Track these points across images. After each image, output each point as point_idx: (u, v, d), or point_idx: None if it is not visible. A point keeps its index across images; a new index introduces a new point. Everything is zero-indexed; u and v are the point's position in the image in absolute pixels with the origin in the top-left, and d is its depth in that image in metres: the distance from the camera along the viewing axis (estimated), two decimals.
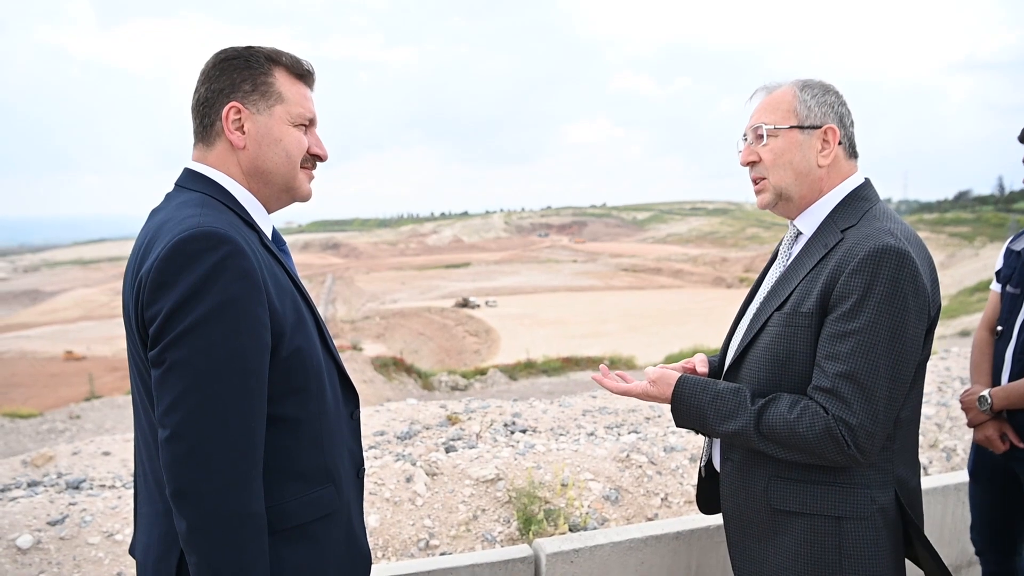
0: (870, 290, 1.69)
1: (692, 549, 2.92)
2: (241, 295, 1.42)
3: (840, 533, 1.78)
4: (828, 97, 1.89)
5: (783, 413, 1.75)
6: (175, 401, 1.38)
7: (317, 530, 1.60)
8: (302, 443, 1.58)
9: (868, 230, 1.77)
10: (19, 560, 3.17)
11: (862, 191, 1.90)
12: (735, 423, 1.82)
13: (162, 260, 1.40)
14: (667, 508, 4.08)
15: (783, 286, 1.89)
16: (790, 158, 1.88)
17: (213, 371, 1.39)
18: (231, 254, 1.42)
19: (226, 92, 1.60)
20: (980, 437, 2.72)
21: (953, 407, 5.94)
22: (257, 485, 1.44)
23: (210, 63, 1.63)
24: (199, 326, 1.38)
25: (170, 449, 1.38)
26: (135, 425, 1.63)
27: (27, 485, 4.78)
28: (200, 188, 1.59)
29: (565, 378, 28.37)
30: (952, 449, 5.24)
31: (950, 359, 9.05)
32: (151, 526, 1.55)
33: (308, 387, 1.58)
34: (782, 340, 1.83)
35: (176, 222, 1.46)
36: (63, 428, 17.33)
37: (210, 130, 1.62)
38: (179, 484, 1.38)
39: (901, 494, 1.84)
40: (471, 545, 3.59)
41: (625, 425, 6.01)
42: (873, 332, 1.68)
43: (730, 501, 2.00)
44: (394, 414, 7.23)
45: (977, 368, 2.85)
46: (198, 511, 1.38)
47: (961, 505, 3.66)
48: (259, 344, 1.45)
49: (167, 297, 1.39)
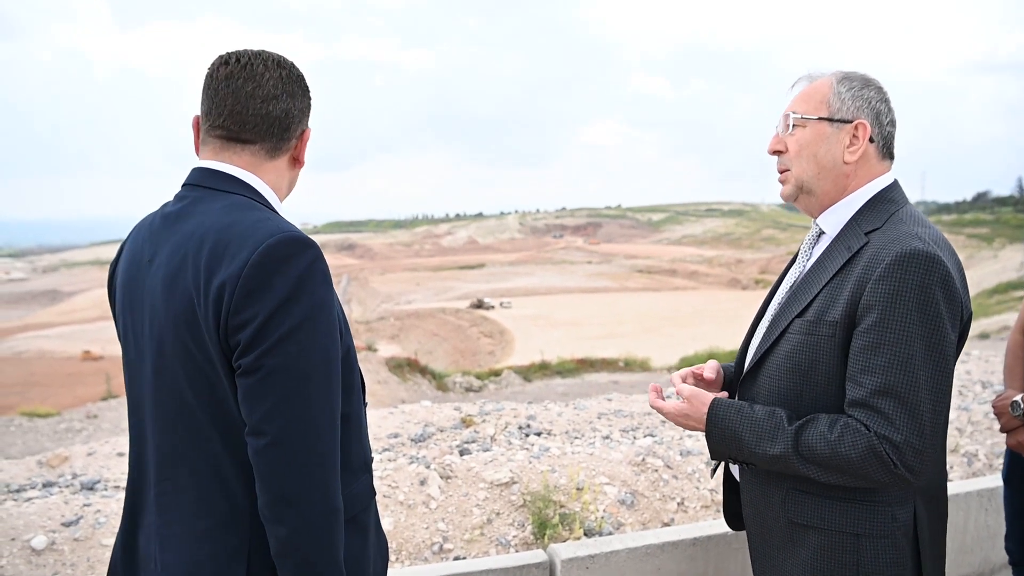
0: (900, 297, 1.61)
1: (709, 555, 2.88)
2: (327, 298, 1.45)
3: (858, 550, 1.72)
4: (867, 92, 1.81)
5: (823, 433, 1.65)
6: (274, 408, 1.38)
7: (365, 520, 1.64)
8: (352, 437, 1.61)
9: (894, 234, 1.69)
10: (33, 561, 3.17)
11: (889, 192, 1.82)
12: (776, 446, 1.71)
13: (253, 266, 1.38)
14: (683, 513, 4.03)
15: (804, 291, 1.82)
16: (815, 150, 1.82)
17: (309, 375, 1.40)
18: (317, 258, 1.45)
19: (305, 113, 1.64)
20: (1013, 443, 2.67)
21: (974, 411, 5.86)
22: (339, 482, 1.47)
23: (288, 75, 1.59)
24: (296, 331, 1.38)
25: (272, 455, 1.38)
26: (159, 439, 1.54)
27: (42, 486, 4.79)
28: (237, 190, 1.55)
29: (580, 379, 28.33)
30: (974, 454, 5.17)
31: (971, 362, 8.96)
32: (195, 546, 1.48)
33: (354, 383, 1.61)
34: (804, 349, 1.75)
35: (249, 226, 1.44)
36: (80, 427, 17.44)
37: (284, 144, 1.62)
38: (284, 489, 1.38)
39: (927, 504, 1.79)
40: (485, 549, 3.56)
41: (641, 428, 5.97)
42: (908, 343, 1.60)
43: (750, 510, 1.96)
44: (408, 416, 7.22)
45: (1011, 372, 2.79)
46: (303, 516, 1.39)
47: (984, 512, 3.61)
48: (338, 346, 1.48)
49: (261, 303, 1.37)
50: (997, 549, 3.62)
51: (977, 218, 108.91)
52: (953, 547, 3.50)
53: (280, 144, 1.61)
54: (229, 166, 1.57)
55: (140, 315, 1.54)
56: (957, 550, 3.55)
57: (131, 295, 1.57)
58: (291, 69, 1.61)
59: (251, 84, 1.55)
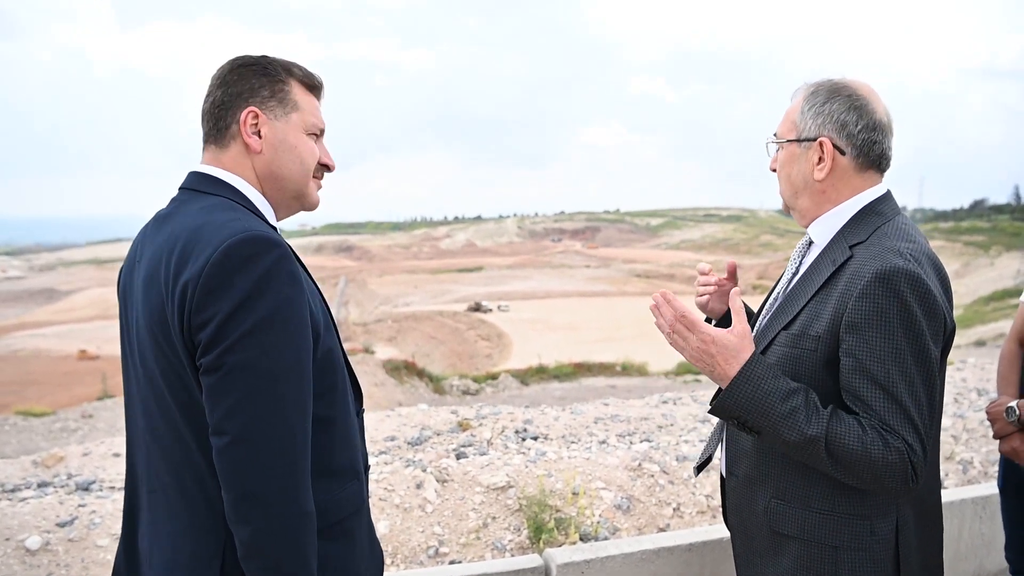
0: (883, 316, 1.60)
1: (705, 561, 2.88)
2: (292, 297, 1.43)
3: (836, 562, 1.72)
4: (830, 105, 1.78)
5: (856, 430, 1.60)
6: (235, 405, 1.37)
7: (352, 526, 1.62)
8: (335, 441, 1.59)
9: (877, 249, 1.69)
10: (27, 561, 3.17)
11: (878, 205, 1.80)
12: (812, 427, 1.61)
13: (214, 265, 1.39)
14: (679, 518, 4.03)
15: (791, 304, 1.82)
16: (788, 171, 1.86)
17: (272, 374, 1.39)
18: (282, 257, 1.43)
19: (244, 96, 1.61)
20: (1006, 449, 2.68)
21: (970, 419, 5.86)
22: (309, 485, 1.45)
23: (227, 68, 1.64)
24: (257, 329, 1.38)
25: (233, 454, 1.37)
26: (146, 438, 1.58)
27: (37, 486, 4.79)
28: (219, 192, 1.58)
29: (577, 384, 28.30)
30: (968, 462, 5.17)
31: (966, 370, 8.97)
32: (177, 543, 1.50)
33: (337, 386, 1.60)
34: (788, 361, 1.74)
35: (216, 227, 1.45)
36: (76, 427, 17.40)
37: (225, 133, 1.62)
38: (245, 489, 1.37)
39: (918, 513, 1.79)
40: (481, 553, 3.56)
41: (637, 433, 5.97)
42: (900, 359, 1.60)
43: (735, 516, 1.98)
44: (405, 419, 7.21)
45: (1004, 379, 2.80)
46: (265, 515, 1.37)
47: (978, 520, 3.61)
48: (308, 345, 1.47)
49: (222, 301, 1.38)
50: (992, 557, 3.62)
51: (974, 226, 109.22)
52: (948, 555, 3.50)
53: (221, 133, 1.63)
54: (214, 168, 1.62)
55: (131, 316, 1.58)
56: (952, 558, 3.55)
57: (125, 296, 1.62)
58: (234, 61, 1.65)
59: (209, 88, 1.64)
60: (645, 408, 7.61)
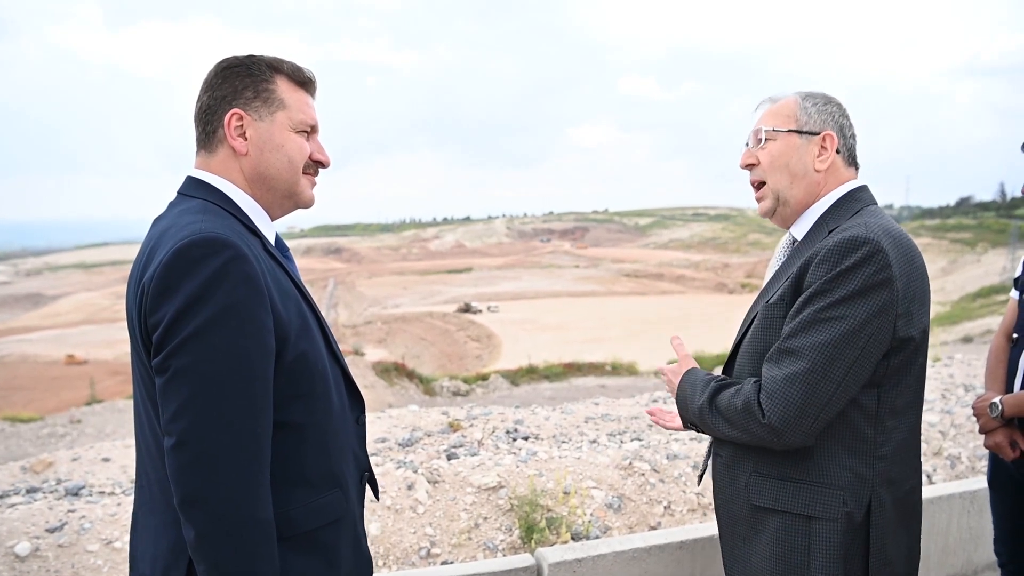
0: (832, 278, 1.71)
1: (696, 558, 2.90)
2: (244, 300, 1.41)
3: (809, 533, 1.79)
4: (829, 107, 1.94)
5: (733, 390, 1.85)
6: (180, 408, 1.37)
7: (326, 537, 1.59)
8: (309, 449, 1.57)
9: (847, 224, 1.81)
10: (17, 568, 3.15)
11: (856, 193, 1.93)
12: (700, 399, 1.91)
13: (164, 267, 1.39)
14: (670, 516, 4.05)
15: (773, 283, 1.94)
16: (786, 160, 1.93)
17: (218, 377, 1.38)
18: (233, 259, 1.41)
19: (228, 99, 1.61)
20: (990, 443, 2.71)
21: (957, 414, 5.90)
22: (265, 491, 1.43)
23: (212, 72, 1.64)
24: (202, 332, 1.37)
25: (177, 456, 1.37)
26: (137, 433, 1.61)
27: (26, 491, 4.75)
28: (202, 195, 1.59)
29: (567, 384, 28.36)
30: (956, 457, 5.21)
31: (954, 366, 9.02)
32: (158, 537, 1.53)
33: (314, 392, 1.58)
34: (760, 332, 1.88)
35: (177, 229, 1.46)
36: (64, 432, 17.32)
37: (212, 137, 1.63)
38: (187, 491, 1.37)
39: (894, 499, 1.82)
40: (472, 554, 3.56)
41: (628, 432, 5.98)
42: (828, 324, 1.70)
43: (719, 499, 2.04)
44: (396, 420, 7.20)
45: (991, 374, 2.83)
46: (207, 519, 1.36)
47: (967, 514, 3.64)
48: (263, 349, 1.44)
49: (170, 303, 1.38)
50: (980, 551, 3.65)
51: (960, 223, 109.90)
52: (936, 548, 3.53)
53: (210, 137, 1.64)
54: (202, 172, 1.64)
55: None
56: (940, 551, 3.57)
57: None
58: (219, 64, 1.65)
59: (199, 93, 1.66)
60: (635, 407, 7.63)
